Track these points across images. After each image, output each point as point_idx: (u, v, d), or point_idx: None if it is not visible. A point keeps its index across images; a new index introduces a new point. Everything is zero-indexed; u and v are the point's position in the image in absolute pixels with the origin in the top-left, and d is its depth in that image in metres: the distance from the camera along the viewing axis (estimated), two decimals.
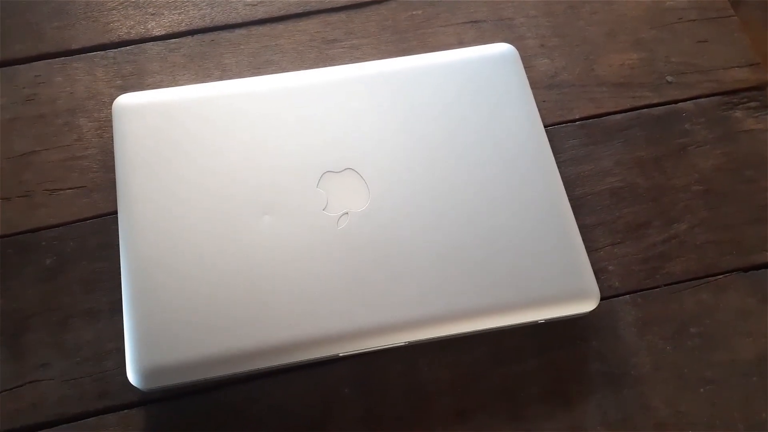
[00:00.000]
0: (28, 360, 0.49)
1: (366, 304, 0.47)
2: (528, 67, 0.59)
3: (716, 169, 0.58)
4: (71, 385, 0.48)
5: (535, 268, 0.49)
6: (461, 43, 0.61)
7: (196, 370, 0.45)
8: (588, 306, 0.49)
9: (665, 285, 0.53)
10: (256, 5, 0.62)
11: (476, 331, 0.48)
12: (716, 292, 0.53)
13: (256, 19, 0.61)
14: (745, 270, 0.54)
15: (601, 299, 0.50)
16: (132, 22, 0.60)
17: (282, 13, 0.62)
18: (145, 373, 0.45)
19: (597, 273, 0.51)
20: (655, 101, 0.60)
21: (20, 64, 0.58)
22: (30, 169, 0.54)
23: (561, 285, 0.49)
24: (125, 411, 0.48)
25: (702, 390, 0.50)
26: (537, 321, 0.49)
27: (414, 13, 0.62)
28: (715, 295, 0.53)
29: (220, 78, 0.58)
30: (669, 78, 0.61)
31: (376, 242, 0.49)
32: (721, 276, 0.54)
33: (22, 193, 0.53)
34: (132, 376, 0.45)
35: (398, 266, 0.48)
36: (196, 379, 0.46)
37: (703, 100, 0.60)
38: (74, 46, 0.59)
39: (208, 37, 0.60)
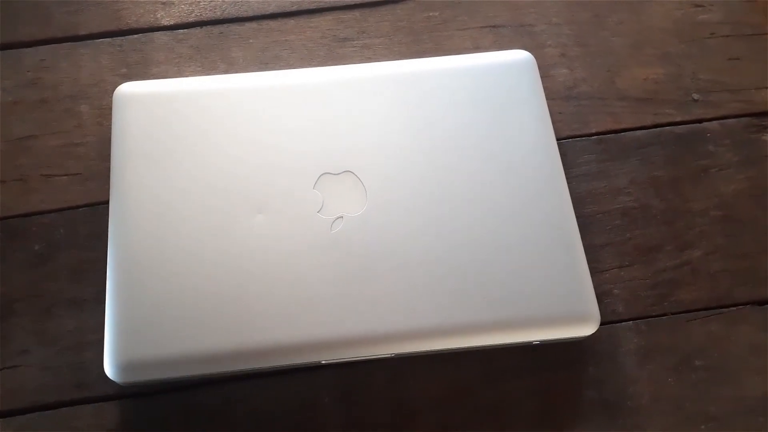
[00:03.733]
0: (9, 345, 0.50)
1: (354, 311, 0.47)
2: (546, 76, 0.58)
3: (738, 194, 0.56)
4: (49, 374, 0.49)
5: (534, 287, 0.48)
6: (477, 48, 0.61)
7: (174, 367, 0.46)
8: (586, 330, 0.48)
9: (672, 313, 0.52)
10: None
11: (467, 348, 0.48)
12: (727, 324, 0.52)
13: (268, 13, 0.62)
14: (761, 303, 0.53)
15: (603, 324, 0.49)
16: (142, 11, 0.61)
17: (294, 8, 0.62)
18: (122, 367, 0.45)
19: (601, 296, 0.51)
20: (679, 119, 0.59)
21: (27, 47, 0.59)
22: (27, 153, 0.56)
23: (560, 306, 0.48)
24: (101, 403, 0.49)
25: (703, 427, 0.49)
26: (532, 342, 0.49)
27: (431, 14, 0.62)
28: (726, 328, 0.52)
29: (226, 71, 0.59)
30: (695, 95, 0.60)
31: (370, 249, 0.49)
32: (733, 308, 0.53)
33: (17, 176, 0.55)
34: (108, 369, 0.46)
35: (390, 275, 0.48)
36: (174, 377, 0.46)
37: (730, 120, 0.59)
38: (82, 32, 0.60)
39: (217, 29, 0.61)
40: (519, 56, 0.56)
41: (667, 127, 0.59)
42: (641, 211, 0.55)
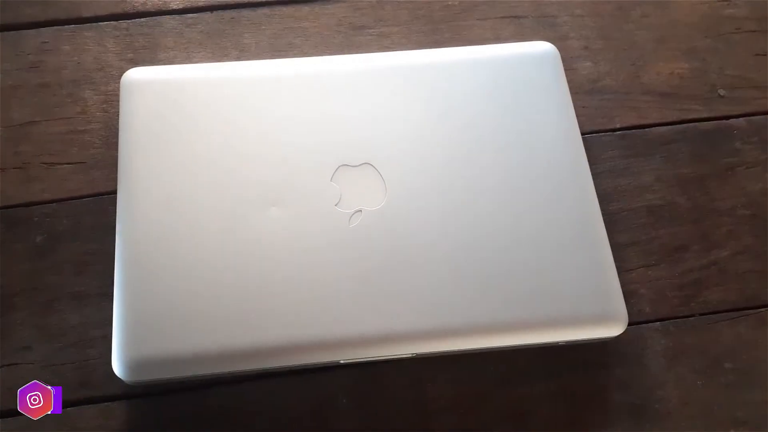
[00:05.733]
0: (9, 341, 0.49)
1: (373, 310, 0.47)
2: (568, 69, 0.58)
3: (766, 193, 0.57)
4: (51, 372, 0.48)
5: (560, 285, 0.48)
6: (498, 39, 0.61)
7: (185, 365, 0.45)
8: (614, 330, 0.48)
9: (700, 314, 0.53)
10: None
11: (489, 348, 0.48)
12: (757, 326, 0.52)
13: None
14: None
15: (629, 324, 0.49)
16: None
17: None
18: (132, 365, 0.45)
19: (627, 295, 0.51)
20: (705, 115, 0.59)
21: (27, 29, 0.59)
22: (28, 140, 0.55)
23: (586, 305, 0.48)
24: (107, 404, 0.48)
25: (732, 431, 0.49)
26: (557, 342, 0.49)
27: (450, 3, 0.62)
28: (755, 330, 0.52)
29: (238, 58, 0.59)
30: (721, 91, 0.60)
31: (389, 244, 0.49)
32: (763, 309, 0.53)
33: (18, 164, 0.54)
34: (117, 367, 0.45)
35: (410, 272, 0.48)
36: (185, 376, 0.46)
37: (756, 117, 0.59)
38: (86, 14, 0.60)
39: (228, 14, 0.61)
40: (542, 48, 0.56)
41: (693, 124, 0.59)
42: (667, 209, 0.56)
